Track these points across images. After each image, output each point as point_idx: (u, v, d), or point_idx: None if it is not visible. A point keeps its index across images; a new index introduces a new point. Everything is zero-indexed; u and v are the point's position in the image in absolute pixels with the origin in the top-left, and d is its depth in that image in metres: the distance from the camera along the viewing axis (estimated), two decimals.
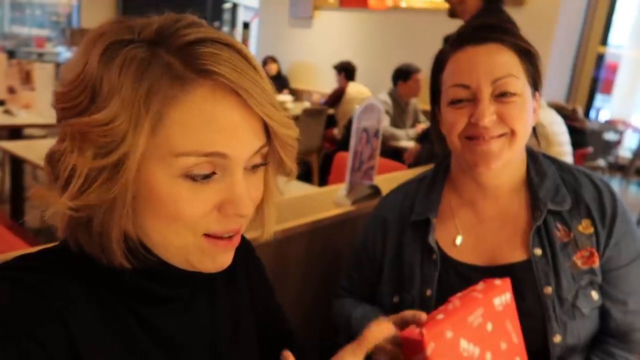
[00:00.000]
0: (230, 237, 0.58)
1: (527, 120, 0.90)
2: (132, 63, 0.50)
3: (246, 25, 15.02)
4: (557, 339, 0.88)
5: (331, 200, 1.56)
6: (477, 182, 0.97)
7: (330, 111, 5.02)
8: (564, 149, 2.43)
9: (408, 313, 0.77)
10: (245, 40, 14.71)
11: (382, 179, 1.75)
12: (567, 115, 3.59)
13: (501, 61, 0.88)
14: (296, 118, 4.45)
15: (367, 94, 4.86)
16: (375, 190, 1.62)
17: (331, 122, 5.06)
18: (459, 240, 0.99)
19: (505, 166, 0.92)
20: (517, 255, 0.94)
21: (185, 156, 0.51)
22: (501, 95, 0.88)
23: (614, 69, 10.18)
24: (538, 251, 0.92)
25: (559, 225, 0.93)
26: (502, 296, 0.80)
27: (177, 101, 0.51)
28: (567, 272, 0.91)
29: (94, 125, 0.50)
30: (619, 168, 6.70)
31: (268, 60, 6.07)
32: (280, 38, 6.48)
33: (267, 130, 0.57)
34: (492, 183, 0.96)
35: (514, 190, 0.98)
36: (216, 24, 8.81)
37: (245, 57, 0.54)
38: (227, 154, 0.53)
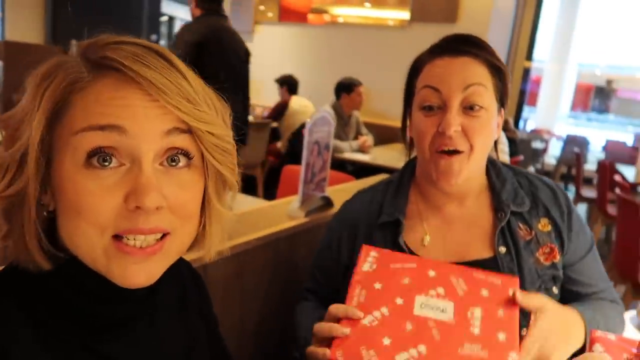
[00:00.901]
0: (143, 248, 0.53)
1: (487, 135, 0.95)
2: (48, 63, 0.54)
3: None
4: (522, 332, 0.94)
5: (284, 213, 1.57)
6: (441, 191, 1.02)
7: (274, 124, 5.02)
8: (505, 158, 2.61)
9: (340, 310, 0.82)
10: None
11: (332, 190, 1.77)
12: (503, 126, 3.80)
13: (473, 72, 0.93)
14: None
15: (310, 107, 4.92)
16: (327, 202, 1.65)
17: (275, 135, 5.07)
18: (426, 240, 1.02)
19: (466, 179, 0.97)
20: (483, 253, 1.00)
21: (82, 132, 0.51)
22: (469, 108, 0.93)
23: (537, 82, 10.89)
24: (503, 249, 0.98)
25: (520, 225, 1.00)
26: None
27: (80, 89, 0.52)
28: (530, 268, 0.97)
29: (6, 117, 0.54)
30: (545, 174, 7.16)
31: None
32: None
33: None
34: (455, 191, 1.02)
35: (478, 194, 1.04)
36: (153, 37, 8.60)
37: (163, 56, 0.55)
38: (124, 126, 0.51)
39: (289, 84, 5.08)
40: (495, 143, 1.03)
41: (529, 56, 5.41)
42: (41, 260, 0.54)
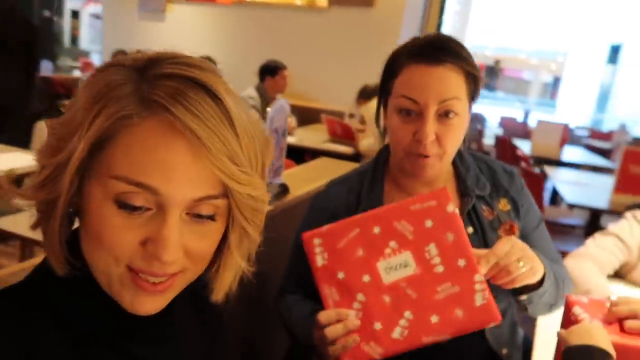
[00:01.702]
0: (155, 284, 0.55)
1: (459, 137, 1.03)
2: (104, 80, 0.53)
3: (75, 14, 13.61)
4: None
5: None
6: (416, 180, 1.10)
7: None
8: None
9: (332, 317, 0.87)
10: (75, 30, 13.38)
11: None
12: None
13: (449, 85, 0.98)
14: None
15: None
16: (284, 189, 1.68)
17: None
18: None
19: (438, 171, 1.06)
20: None
21: (117, 180, 0.51)
22: (444, 115, 0.99)
23: None
24: (470, 229, 1.08)
25: (484, 207, 1.11)
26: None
27: (130, 125, 0.51)
28: (494, 244, 1.08)
29: (53, 126, 0.55)
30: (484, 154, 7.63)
31: (118, 54, 5.64)
32: (129, 31, 6.07)
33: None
34: (428, 180, 1.10)
35: (446, 181, 1.13)
36: (46, 12, 7.88)
37: (218, 104, 0.53)
38: (158, 190, 0.51)
39: None
40: None
41: None
42: (58, 266, 0.55)
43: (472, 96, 1.05)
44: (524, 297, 0.99)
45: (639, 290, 1.61)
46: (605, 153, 5.69)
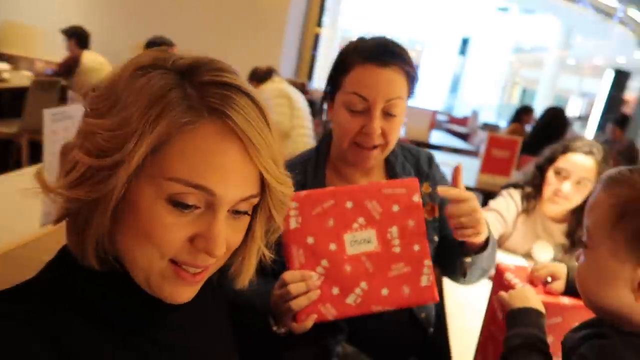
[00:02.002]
0: (195, 274, 0.59)
1: (399, 130, 1.16)
2: (154, 85, 0.54)
3: None
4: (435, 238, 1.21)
5: None
6: (355, 168, 1.21)
7: (63, 83, 4.45)
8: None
9: (296, 277, 0.94)
10: None
11: None
12: (301, 89, 4.16)
13: (395, 86, 1.09)
14: (24, 90, 3.81)
15: (107, 65, 4.50)
16: None
17: (64, 95, 4.50)
18: None
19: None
20: None
21: (175, 182, 0.54)
22: (388, 114, 1.11)
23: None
24: None
25: None
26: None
27: (184, 130, 0.54)
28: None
29: (101, 128, 0.54)
30: None
31: (152, 47, 4.88)
32: None
33: (262, 182, 0.61)
34: (367, 169, 1.22)
35: (378, 168, 1.26)
36: None
37: (260, 109, 0.58)
38: (214, 191, 0.55)
39: (78, 36, 4.52)
40: None
41: (319, 23, 5.91)
42: (93, 262, 0.57)
43: (409, 94, 1.18)
44: (468, 259, 1.14)
45: (513, 256, 1.93)
46: (463, 136, 6.43)
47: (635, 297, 0.63)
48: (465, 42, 15.33)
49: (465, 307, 1.48)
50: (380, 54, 1.10)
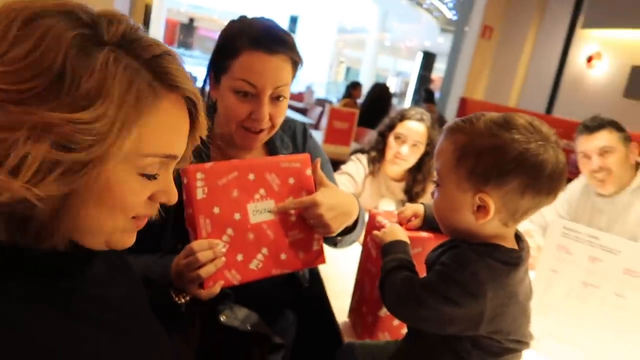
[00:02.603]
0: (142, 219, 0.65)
1: (285, 114, 1.20)
2: (119, 68, 0.53)
3: None
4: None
5: None
6: (240, 149, 1.22)
7: None
8: None
9: (204, 245, 0.97)
10: None
11: None
12: None
13: (283, 74, 1.12)
14: None
15: None
16: None
17: None
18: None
19: None
20: None
21: (151, 157, 0.58)
22: (276, 99, 1.14)
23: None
24: None
25: None
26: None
27: (151, 109, 0.56)
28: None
29: (72, 122, 0.49)
30: None
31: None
32: None
33: None
34: (253, 149, 1.23)
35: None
36: None
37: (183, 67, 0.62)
38: (178, 155, 0.63)
39: None
40: None
41: None
42: (60, 244, 0.56)
43: (293, 78, 1.21)
44: (339, 238, 1.25)
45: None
46: (301, 111, 6.72)
47: (476, 218, 0.81)
48: (293, 20, 15.79)
49: (340, 258, 1.64)
50: (269, 41, 1.11)
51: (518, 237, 0.87)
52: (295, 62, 1.17)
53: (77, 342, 0.57)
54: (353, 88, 6.44)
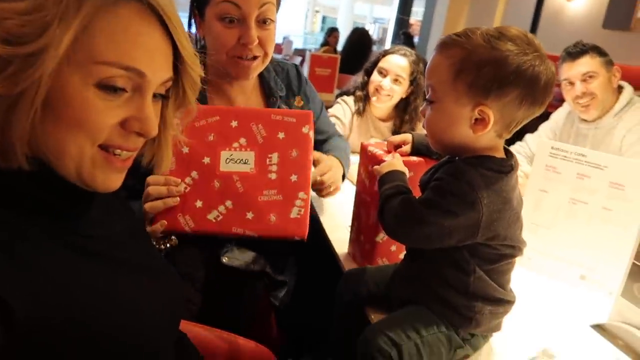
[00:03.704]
0: (124, 159, 0.61)
1: (274, 42, 1.16)
2: None
3: None
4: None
5: None
6: (234, 85, 1.20)
7: None
8: None
9: (160, 180, 0.96)
10: None
11: None
12: None
13: None
14: None
15: None
16: None
17: None
18: None
19: None
20: None
21: (106, 65, 0.54)
22: (263, 22, 1.10)
23: None
24: None
25: (284, 106, 1.30)
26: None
27: (106, 12, 0.53)
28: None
29: (12, 12, 0.49)
30: None
31: None
32: None
33: (174, 64, 0.62)
34: (244, 83, 1.23)
35: (254, 85, 1.27)
36: None
37: None
38: (145, 73, 0.57)
39: None
40: None
41: None
42: (21, 161, 0.54)
43: (278, 6, 1.19)
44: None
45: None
46: None
47: (473, 131, 0.82)
48: None
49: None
50: None
51: (506, 150, 0.89)
52: None
53: (92, 277, 0.58)
54: (330, 34, 6.31)
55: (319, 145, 1.47)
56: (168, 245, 1.03)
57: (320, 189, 1.24)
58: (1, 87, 0.49)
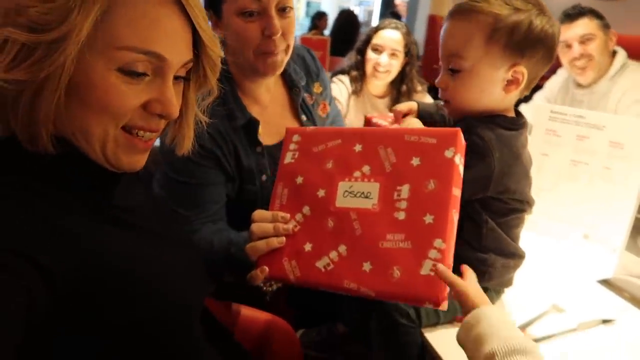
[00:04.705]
0: (146, 140, 0.62)
1: (295, 32, 1.10)
2: None
3: None
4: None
5: None
6: (260, 83, 1.16)
7: None
8: None
9: (266, 217, 0.83)
10: None
11: None
12: None
13: None
14: None
15: None
16: None
17: None
18: (259, 130, 1.14)
19: None
20: (293, 124, 1.23)
21: (127, 50, 0.55)
22: (282, 10, 1.03)
23: None
24: (304, 117, 1.25)
25: (305, 95, 1.26)
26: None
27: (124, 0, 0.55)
28: (319, 124, 1.28)
29: (36, 1, 0.51)
30: None
31: None
32: None
33: (194, 46, 0.63)
34: (270, 79, 1.18)
35: (276, 78, 1.21)
36: None
37: None
38: (165, 56, 0.58)
39: None
40: None
41: None
42: (48, 145, 0.56)
43: None
44: None
45: None
46: None
47: (506, 91, 0.85)
48: None
49: None
50: None
51: (516, 111, 0.91)
52: None
53: (121, 240, 0.60)
54: (318, 19, 6.27)
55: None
56: (274, 287, 1.04)
57: None
58: (28, 73, 0.51)
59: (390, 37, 2.05)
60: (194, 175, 1.07)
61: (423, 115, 1.11)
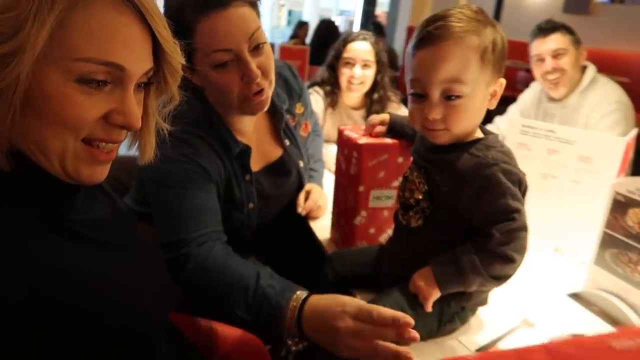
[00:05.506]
0: (108, 152, 0.60)
1: (273, 62, 1.06)
2: None
3: None
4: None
5: None
6: (246, 117, 1.15)
7: None
8: None
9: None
10: None
11: None
12: None
13: (248, 18, 0.99)
14: None
15: None
16: None
17: None
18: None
19: None
20: (277, 150, 1.25)
21: (84, 62, 0.53)
22: (256, 49, 1.00)
23: None
24: (287, 142, 1.26)
25: (288, 117, 1.26)
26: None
27: (81, 7, 0.53)
28: (300, 143, 1.30)
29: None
30: None
31: None
32: None
33: (154, 53, 0.61)
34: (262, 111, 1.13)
35: None
36: None
37: None
38: (124, 66, 0.56)
39: None
40: None
41: None
42: (3, 160, 0.54)
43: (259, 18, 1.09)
44: None
45: (327, 144, 2.18)
46: None
47: (489, 106, 0.87)
48: None
49: None
50: None
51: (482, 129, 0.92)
52: (252, 2, 1.03)
53: (77, 256, 0.58)
54: (299, 28, 6.31)
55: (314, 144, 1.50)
56: (300, 345, 1.05)
57: (317, 213, 1.34)
58: None
59: (360, 49, 2.06)
60: (194, 186, 1.06)
61: (394, 127, 1.12)
